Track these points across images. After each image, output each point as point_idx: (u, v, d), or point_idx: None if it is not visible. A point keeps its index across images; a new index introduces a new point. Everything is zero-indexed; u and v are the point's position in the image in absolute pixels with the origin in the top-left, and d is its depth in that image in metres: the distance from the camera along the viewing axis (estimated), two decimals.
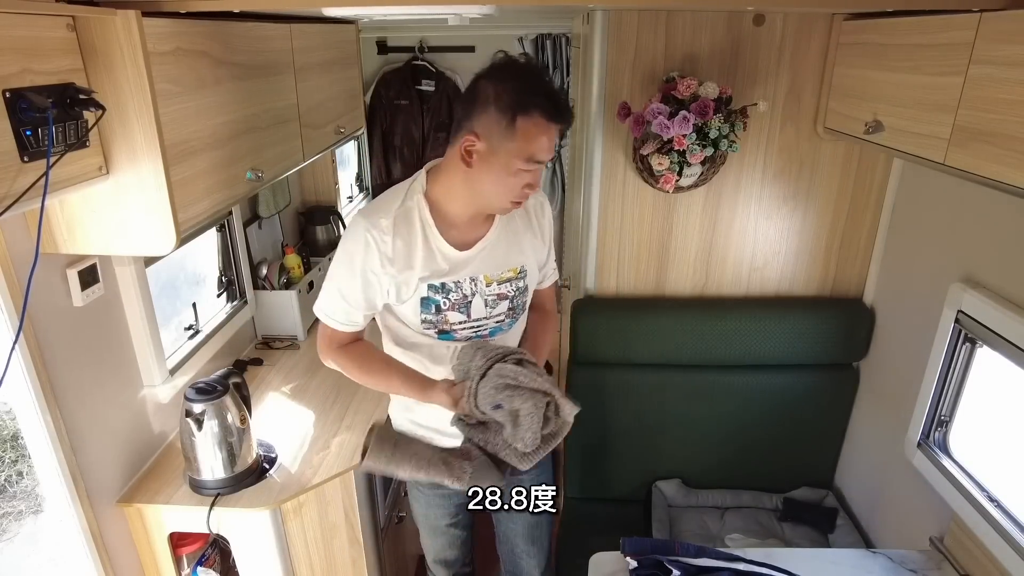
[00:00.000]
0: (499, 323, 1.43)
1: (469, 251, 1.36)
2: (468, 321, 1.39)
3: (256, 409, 1.88)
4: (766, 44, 1.79)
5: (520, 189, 1.25)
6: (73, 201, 1.21)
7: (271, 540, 1.67)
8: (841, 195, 1.96)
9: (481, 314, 1.40)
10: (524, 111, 1.17)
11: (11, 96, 0.95)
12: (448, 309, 1.37)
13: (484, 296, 1.39)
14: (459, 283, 1.36)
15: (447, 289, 1.35)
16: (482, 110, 1.20)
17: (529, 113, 1.17)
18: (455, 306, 1.37)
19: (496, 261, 1.38)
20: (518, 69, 1.23)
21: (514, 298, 1.43)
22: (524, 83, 1.19)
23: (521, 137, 1.19)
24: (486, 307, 1.40)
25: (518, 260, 1.42)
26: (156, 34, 1.15)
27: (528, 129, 1.18)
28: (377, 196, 1.41)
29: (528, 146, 1.20)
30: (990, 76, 1.09)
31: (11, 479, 1.43)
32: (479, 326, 1.41)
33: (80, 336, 1.48)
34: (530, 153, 1.20)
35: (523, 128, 1.18)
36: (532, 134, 1.19)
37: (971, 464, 1.51)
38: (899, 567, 1.51)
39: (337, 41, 2.25)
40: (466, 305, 1.38)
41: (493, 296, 1.40)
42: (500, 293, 1.40)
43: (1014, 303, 1.36)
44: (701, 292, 2.09)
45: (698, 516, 2.09)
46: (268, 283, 2.44)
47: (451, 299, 1.36)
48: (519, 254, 1.42)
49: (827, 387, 2.08)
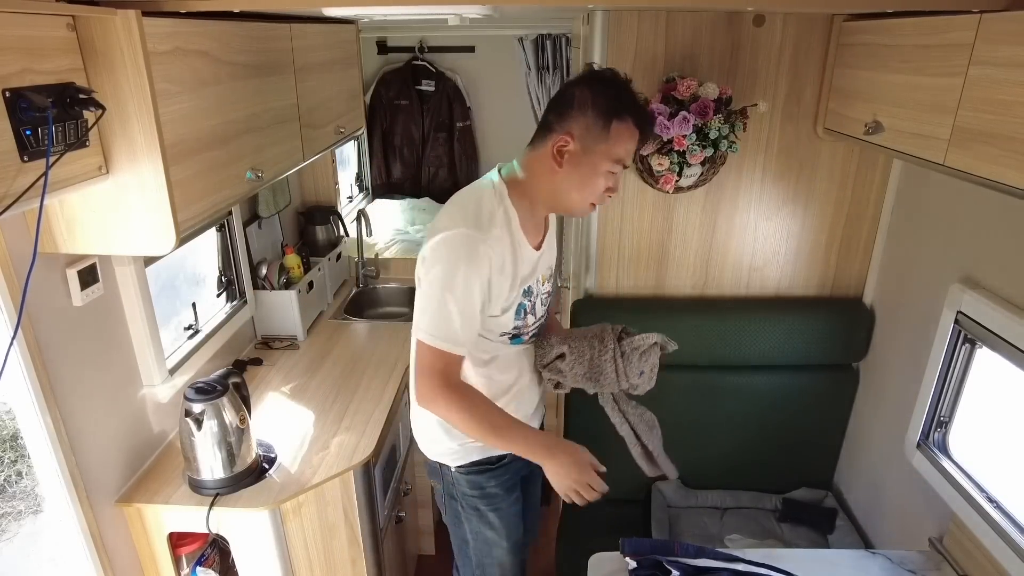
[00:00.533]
0: (543, 322, 1.52)
1: (539, 251, 1.43)
2: (536, 320, 1.48)
3: (256, 409, 1.88)
4: (766, 44, 1.79)
5: (602, 191, 1.33)
6: (73, 201, 1.21)
7: (270, 540, 1.67)
8: (841, 195, 1.96)
9: (541, 313, 1.50)
10: (619, 116, 1.27)
11: (11, 96, 0.95)
12: (530, 312, 1.44)
13: (541, 296, 1.47)
14: (533, 287, 1.43)
15: (531, 292, 1.42)
16: (579, 113, 1.28)
17: (623, 118, 1.27)
18: (532, 308, 1.45)
19: (548, 261, 1.47)
20: (615, 79, 1.31)
21: (550, 295, 1.53)
22: (620, 92, 1.29)
23: (614, 139, 1.28)
24: (541, 305, 1.49)
25: (555, 257, 1.53)
26: (156, 34, 1.15)
27: (621, 132, 1.28)
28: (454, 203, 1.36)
29: (618, 148, 1.29)
30: (990, 77, 1.09)
31: (11, 479, 1.43)
32: (539, 325, 1.51)
33: (80, 336, 1.48)
34: (619, 155, 1.29)
35: (616, 131, 1.28)
36: (624, 138, 1.29)
37: (970, 465, 1.51)
38: (898, 568, 1.51)
39: (337, 41, 2.25)
40: (534, 307, 1.46)
41: (544, 294, 1.49)
42: (548, 291, 1.51)
43: (1014, 304, 1.36)
44: (701, 292, 2.09)
45: (697, 516, 2.09)
46: (268, 283, 2.44)
47: (532, 301, 1.44)
48: (555, 254, 1.54)
49: (827, 387, 2.08)
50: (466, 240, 1.26)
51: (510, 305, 1.38)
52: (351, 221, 3.14)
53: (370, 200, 3.99)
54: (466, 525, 1.61)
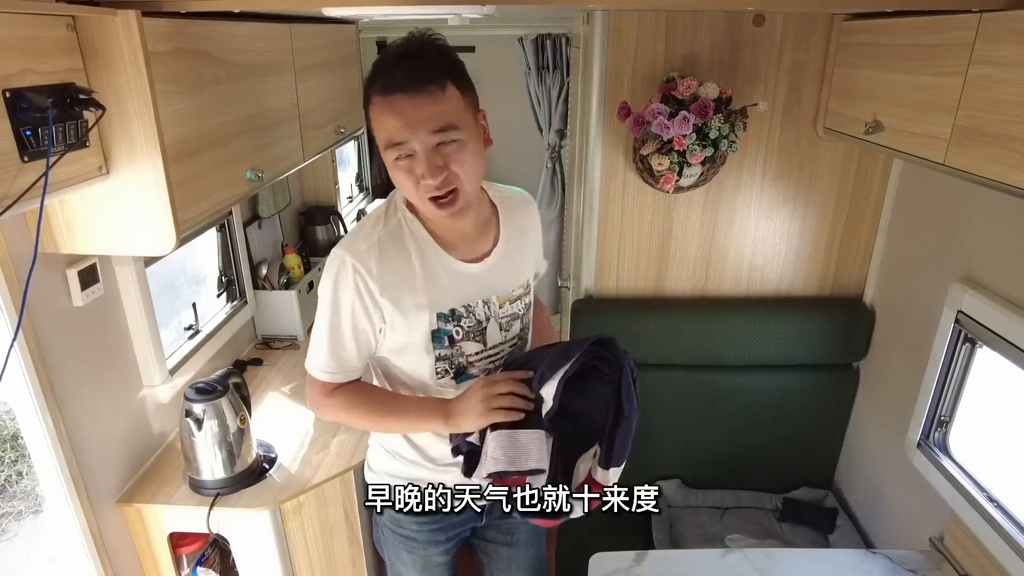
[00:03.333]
0: (513, 346, 1.30)
1: (477, 265, 1.21)
2: (485, 350, 1.25)
3: (256, 409, 1.88)
4: (766, 44, 1.79)
5: (414, 184, 1.07)
6: (73, 201, 1.21)
7: (271, 540, 1.67)
8: (841, 195, 1.96)
9: (496, 340, 1.25)
10: (368, 97, 1.07)
11: (11, 96, 0.95)
12: (462, 339, 1.21)
13: (499, 320, 1.24)
14: (471, 307, 1.21)
15: (458, 316, 1.20)
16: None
17: (370, 100, 1.07)
18: (469, 334, 1.22)
19: (507, 279, 1.25)
20: (385, 53, 1.09)
21: (524, 316, 1.30)
22: (375, 66, 1.07)
23: (375, 124, 1.07)
24: (501, 331, 1.25)
25: (526, 274, 1.30)
26: (156, 34, 1.15)
27: (375, 113, 1.06)
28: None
29: (380, 132, 1.07)
30: (990, 76, 1.09)
31: (11, 479, 1.43)
32: (495, 354, 1.27)
33: (80, 336, 1.48)
34: (385, 139, 1.06)
35: (373, 115, 1.07)
36: (380, 117, 1.05)
37: (971, 464, 1.51)
38: (898, 567, 1.51)
39: (337, 41, 2.25)
40: (481, 332, 1.23)
41: (507, 318, 1.26)
42: (513, 313, 1.27)
43: (1014, 303, 1.36)
44: (701, 292, 2.08)
45: (698, 516, 2.09)
46: (268, 283, 2.44)
47: (464, 327, 1.21)
48: (525, 268, 1.30)
49: (827, 387, 2.08)
50: (332, 262, 1.16)
51: (417, 334, 1.18)
52: (351, 221, 3.14)
53: (370, 200, 4.00)
54: (387, 551, 1.48)
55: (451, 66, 1.06)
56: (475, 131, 1.10)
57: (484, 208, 1.24)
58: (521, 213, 1.31)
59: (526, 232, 1.31)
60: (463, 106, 1.07)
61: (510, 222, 1.27)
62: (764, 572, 1.48)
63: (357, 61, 2.52)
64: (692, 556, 1.66)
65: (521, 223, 1.30)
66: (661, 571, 1.50)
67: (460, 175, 1.07)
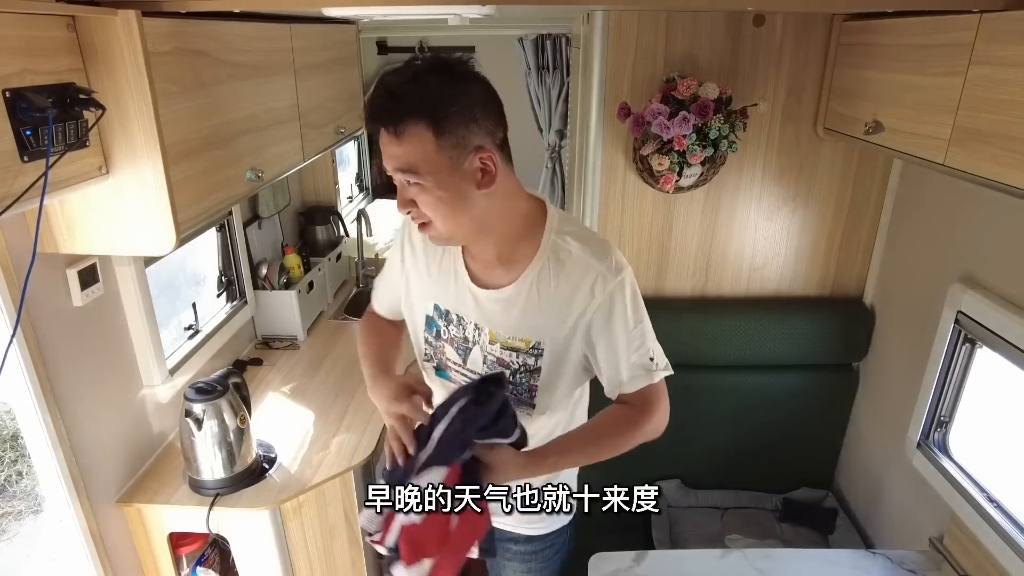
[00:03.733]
0: (493, 391, 1.17)
1: (482, 292, 1.15)
2: (462, 367, 1.22)
3: (256, 409, 1.88)
4: (766, 44, 1.79)
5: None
6: (73, 201, 1.21)
7: (271, 540, 1.67)
8: (841, 195, 1.96)
9: (477, 367, 1.20)
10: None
11: (11, 96, 0.95)
12: (447, 341, 1.21)
13: (485, 351, 1.18)
14: (462, 320, 1.18)
15: (450, 318, 1.20)
16: None
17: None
18: (453, 341, 1.21)
19: (508, 323, 1.15)
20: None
21: (516, 373, 1.17)
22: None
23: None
24: (484, 364, 1.19)
25: (538, 336, 1.14)
26: (156, 34, 1.15)
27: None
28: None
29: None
30: (990, 77, 1.09)
31: (11, 479, 1.43)
32: (471, 380, 1.21)
33: (80, 336, 1.48)
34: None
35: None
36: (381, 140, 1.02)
37: (970, 465, 1.51)
38: (898, 567, 1.51)
39: (337, 41, 2.25)
40: (465, 349, 1.20)
41: (493, 358, 1.18)
42: (501, 359, 1.18)
43: (1014, 304, 1.36)
44: (701, 292, 2.08)
45: (698, 516, 2.09)
46: (268, 283, 2.44)
47: (451, 332, 1.20)
48: (541, 329, 1.14)
49: (827, 387, 2.08)
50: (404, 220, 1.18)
51: (418, 305, 1.23)
52: (351, 221, 3.14)
53: (370, 200, 4.00)
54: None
55: (427, 104, 0.95)
56: (449, 175, 0.99)
57: (524, 244, 1.12)
58: (575, 281, 1.11)
59: (565, 300, 1.11)
60: (432, 149, 0.97)
61: (546, 279, 1.11)
62: (764, 572, 1.48)
63: (357, 61, 2.52)
64: (692, 556, 1.66)
65: (565, 290, 1.11)
66: (661, 571, 1.50)
67: (427, 214, 1.03)
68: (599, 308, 1.10)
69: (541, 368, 1.16)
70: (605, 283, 1.10)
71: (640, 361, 1.15)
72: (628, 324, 1.13)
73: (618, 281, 1.10)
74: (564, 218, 1.15)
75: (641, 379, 1.15)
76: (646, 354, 1.16)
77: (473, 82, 1.00)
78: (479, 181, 1.02)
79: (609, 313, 1.11)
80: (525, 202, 1.13)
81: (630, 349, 1.14)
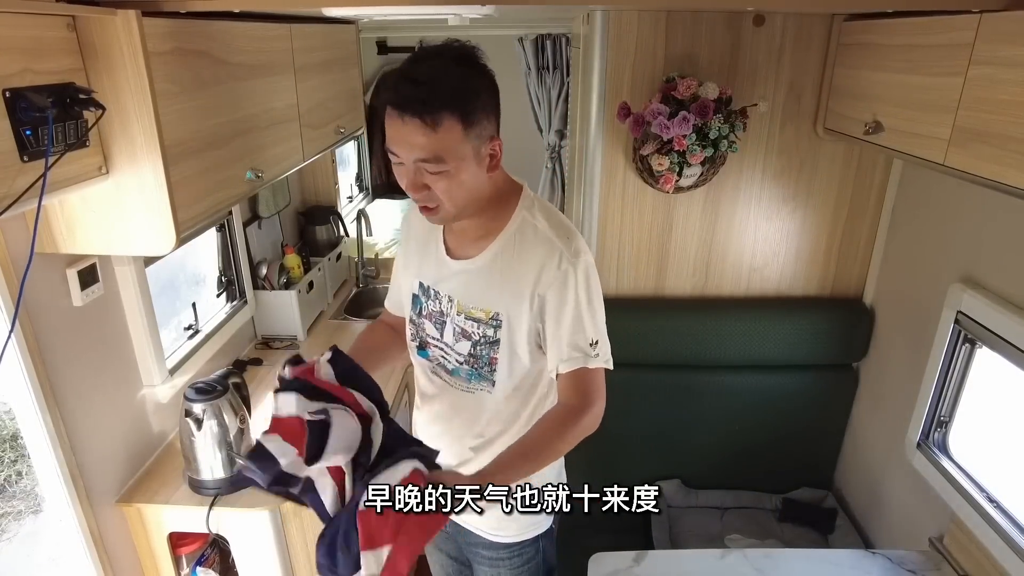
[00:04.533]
0: (461, 364, 1.25)
1: (455, 262, 1.22)
2: (439, 341, 1.26)
3: (256, 409, 1.88)
4: (766, 44, 1.79)
5: (405, 186, 1.09)
6: (73, 201, 1.21)
7: (270, 540, 1.67)
8: (841, 195, 1.96)
9: (450, 341, 1.25)
10: (377, 93, 1.11)
11: (11, 96, 0.95)
12: (426, 316, 1.28)
13: (454, 323, 1.23)
14: (438, 293, 1.25)
15: (429, 293, 1.26)
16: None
17: (382, 102, 1.14)
18: (432, 316, 1.27)
19: (472, 293, 1.20)
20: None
21: (477, 344, 1.21)
22: (390, 71, 1.15)
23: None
24: (454, 336, 1.24)
25: (496, 307, 1.18)
26: (156, 34, 1.15)
27: (385, 119, 1.06)
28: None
29: (385, 129, 1.07)
30: (990, 77, 1.09)
31: (11, 479, 1.43)
32: (446, 355, 1.26)
33: (80, 336, 1.48)
34: (386, 139, 1.07)
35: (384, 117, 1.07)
36: (385, 118, 1.06)
37: (970, 465, 1.51)
38: (898, 567, 1.51)
39: (337, 41, 2.25)
40: (441, 323, 1.25)
41: (459, 328, 1.22)
42: (464, 330, 1.22)
43: (1014, 304, 1.36)
44: (701, 292, 2.08)
45: (698, 516, 2.09)
46: (268, 283, 2.44)
47: (430, 307, 1.27)
48: (496, 301, 1.18)
49: (827, 387, 2.08)
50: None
51: (408, 288, 1.31)
52: (351, 221, 3.14)
53: (370, 200, 4.00)
54: None
55: (460, 96, 1.01)
56: (470, 162, 1.05)
57: (498, 218, 1.18)
58: (535, 255, 1.15)
59: (524, 272, 1.16)
60: (460, 139, 1.02)
61: (510, 251, 1.17)
62: (764, 572, 1.48)
63: (357, 61, 2.52)
64: (692, 556, 1.66)
65: (525, 262, 1.16)
66: (661, 571, 1.50)
67: (441, 198, 1.08)
68: (553, 283, 1.14)
69: (500, 340, 1.19)
70: (562, 261, 1.14)
71: (580, 343, 1.15)
72: (579, 304, 1.15)
73: (576, 262, 1.14)
74: (538, 200, 1.22)
75: (576, 361, 1.16)
76: (586, 339, 1.16)
77: (485, 70, 1.07)
78: (488, 165, 1.10)
79: (562, 290, 1.14)
80: (506, 179, 1.20)
81: (574, 328, 1.15)
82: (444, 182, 1.06)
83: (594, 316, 1.18)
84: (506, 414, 1.27)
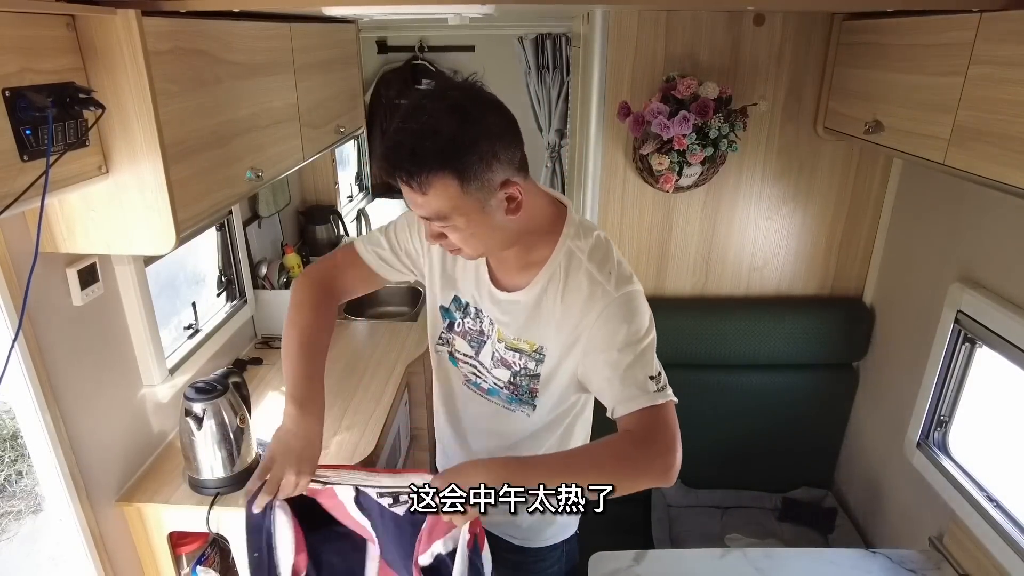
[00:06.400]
0: (500, 388, 1.21)
1: (497, 292, 1.17)
2: (473, 359, 1.23)
3: (256, 408, 1.88)
4: (766, 44, 1.79)
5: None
6: (73, 200, 1.21)
7: None
8: (841, 195, 1.96)
9: (487, 363, 1.21)
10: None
11: (11, 95, 0.94)
12: (459, 334, 1.22)
13: (494, 347, 1.19)
14: (480, 313, 1.20)
15: (468, 311, 1.21)
16: None
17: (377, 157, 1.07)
18: (467, 334, 1.22)
19: (515, 324, 1.16)
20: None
21: (517, 375, 1.18)
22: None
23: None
24: (491, 360, 1.20)
25: (540, 341, 1.14)
26: (156, 33, 1.15)
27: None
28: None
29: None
30: (990, 76, 1.09)
31: (11, 478, 1.43)
32: (480, 375, 1.23)
33: (80, 335, 1.48)
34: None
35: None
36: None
37: (970, 464, 1.51)
38: (898, 567, 1.51)
39: (337, 41, 2.25)
40: (480, 342, 1.21)
41: (499, 356, 1.19)
42: (504, 358, 1.18)
43: (1014, 303, 1.36)
44: (701, 292, 2.09)
45: (698, 516, 2.09)
46: (268, 282, 2.44)
47: (465, 325, 1.21)
48: (541, 336, 1.14)
49: (827, 387, 2.08)
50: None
51: (435, 294, 1.24)
52: (351, 220, 3.14)
53: (370, 200, 4.00)
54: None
55: (451, 154, 0.93)
56: (479, 214, 0.99)
57: (540, 246, 1.12)
58: (580, 290, 1.09)
59: (569, 309, 1.10)
60: (457, 196, 0.95)
61: (556, 284, 1.11)
62: (764, 572, 1.48)
63: (357, 61, 2.52)
64: (692, 556, 1.66)
65: (571, 296, 1.10)
66: (661, 571, 1.50)
67: (459, 245, 1.04)
68: (598, 318, 1.07)
69: (540, 375, 1.16)
70: (606, 297, 1.07)
71: (637, 377, 1.04)
72: (629, 339, 1.07)
73: (619, 296, 1.08)
74: (583, 225, 1.14)
75: (637, 400, 1.03)
76: (645, 372, 1.05)
77: (489, 112, 0.96)
78: (507, 209, 1.01)
79: (608, 323, 1.07)
80: (544, 205, 1.11)
81: (629, 363, 1.05)
82: (456, 234, 1.02)
83: (649, 349, 1.10)
84: (543, 432, 1.23)
